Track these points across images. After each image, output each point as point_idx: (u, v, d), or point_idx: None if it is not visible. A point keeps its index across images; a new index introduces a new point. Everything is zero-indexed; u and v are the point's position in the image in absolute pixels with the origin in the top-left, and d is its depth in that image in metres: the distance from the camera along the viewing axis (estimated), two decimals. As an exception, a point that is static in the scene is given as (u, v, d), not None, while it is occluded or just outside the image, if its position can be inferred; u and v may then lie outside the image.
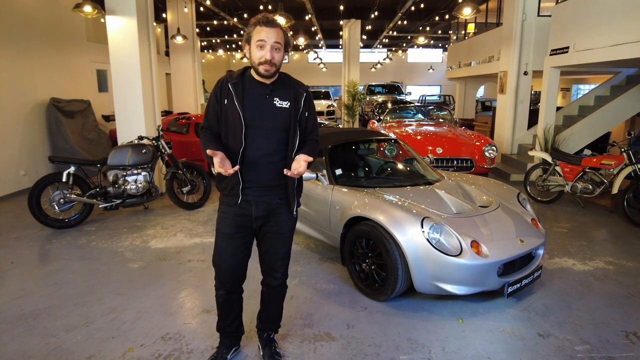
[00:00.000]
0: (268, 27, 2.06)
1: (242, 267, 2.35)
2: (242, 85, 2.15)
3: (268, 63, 2.07)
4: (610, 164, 5.48)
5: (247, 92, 2.15)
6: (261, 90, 2.16)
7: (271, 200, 2.25)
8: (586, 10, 6.59)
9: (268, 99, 2.16)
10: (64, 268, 3.89)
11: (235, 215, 2.24)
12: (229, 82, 2.14)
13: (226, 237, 2.27)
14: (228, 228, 2.26)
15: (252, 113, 2.13)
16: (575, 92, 19.64)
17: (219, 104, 2.16)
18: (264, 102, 2.15)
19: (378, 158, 5.04)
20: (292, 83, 2.25)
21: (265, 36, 2.05)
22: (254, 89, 2.16)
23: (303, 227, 4.14)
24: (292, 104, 2.19)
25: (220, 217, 2.30)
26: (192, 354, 2.63)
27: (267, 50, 2.05)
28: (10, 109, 6.46)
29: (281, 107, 2.17)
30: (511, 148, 9.09)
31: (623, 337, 2.83)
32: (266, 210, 2.25)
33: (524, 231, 3.30)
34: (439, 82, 27.96)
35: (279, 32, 2.08)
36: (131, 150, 5.17)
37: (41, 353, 2.63)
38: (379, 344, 2.74)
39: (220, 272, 2.33)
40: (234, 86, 2.13)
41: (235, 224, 2.25)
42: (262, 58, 2.06)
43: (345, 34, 15.10)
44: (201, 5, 11.92)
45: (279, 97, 2.18)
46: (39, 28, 7.10)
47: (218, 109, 2.17)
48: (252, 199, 2.22)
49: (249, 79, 2.18)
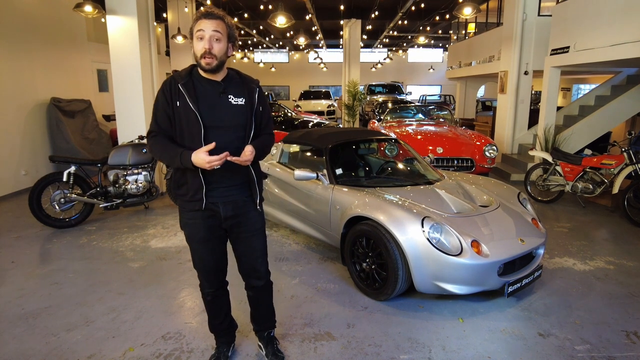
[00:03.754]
0: (207, 19, 2.00)
1: (223, 262, 2.35)
2: (192, 84, 2.07)
3: (208, 54, 1.99)
4: (611, 164, 5.47)
5: (200, 92, 2.07)
6: (213, 88, 2.09)
7: (238, 199, 2.21)
8: (586, 10, 6.59)
9: (222, 96, 2.09)
10: (65, 267, 3.89)
11: (204, 219, 2.19)
12: (178, 83, 2.05)
13: (201, 242, 2.23)
14: (200, 232, 2.21)
15: (208, 113, 2.05)
16: (576, 91, 19.62)
17: (170, 106, 2.06)
18: (219, 101, 2.09)
19: (378, 158, 5.04)
20: (244, 79, 2.20)
21: (204, 26, 1.99)
22: (206, 87, 2.08)
23: (303, 226, 4.15)
24: (247, 99, 2.14)
25: (188, 224, 2.21)
26: (193, 353, 2.63)
27: (206, 40, 1.98)
28: (11, 108, 6.47)
29: (237, 104, 2.11)
30: (512, 148, 9.09)
31: (623, 337, 2.82)
32: (234, 210, 2.21)
33: (524, 231, 3.30)
34: (440, 81, 27.93)
35: (220, 23, 2.01)
36: (132, 150, 5.18)
37: (42, 352, 2.63)
38: (380, 343, 2.74)
39: (204, 272, 2.32)
40: (184, 87, 2.04)
41: (206, 226, 2.20)
42: (202, 49, 1.99)
43: (345, 33, 15.10)
44: (201, 5, 11.92)
45: (233, 94, 2.12)
46: (40, 28, 7.11)
47: (170, 112, 2.07)
48: (218, 199, 2.17)
49: (198, 77, 2.10)
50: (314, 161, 4.51)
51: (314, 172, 3.64)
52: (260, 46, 24.89)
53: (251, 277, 2.39)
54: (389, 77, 25.39)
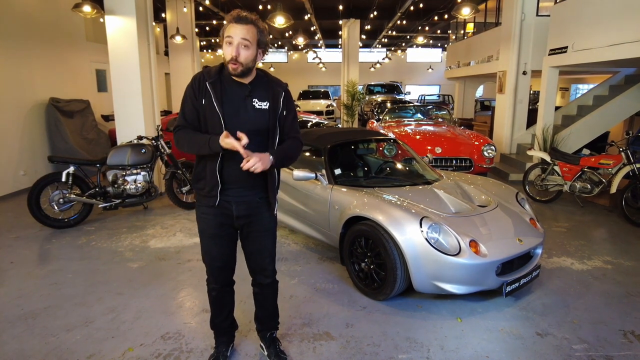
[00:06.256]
0: (237, 24, 1.98)
1: (232, 260, 2.37)
2: (220, 84, 2.08)
3: (233, 61, 1.99)
4: (609, 164, 5.49)
5: (227, 93, 2.08)
6: (240, 90, 2.10)
7: (251, 200, 2.22)
8: (585, 10, 6.60)
9: (247, 100, 2.10)
10: (64, 268, 3.89)
11: (216, 216, 2.22)
12: (206, 81, 2.06)
13: (211, 237, 2.26)
14: (211, 228, 2.24)
15: (231, 115, 2.07)
16: (574, 91, 19.65)
17: (198, 102, 2.08)
18: (243, 104, 2.09)
19: (377, 158, 5.05)
20: (271, 82, 2.19)
21: (233, 32, 1.98)
22: (233, 89, 2.09)
23: (302, 226, 4.15)
24: (271, 104, 2.14)
25: (201, 218, 2.26)
26: (192, 353, 2.64)
27: (234, 47, 1.98)
28: (10, 108, 6.46)
29: (260, 108, 2.12)
30: (510, 147, 9.10)
31: (621, 336, 2.84)
32: (247, 210, 2.23)
33: (522, 231, 3.31)
34: (438, 81, 27.96)
35: (250, 29, 1.99)
36: (131, 150, 5.18)
37: (41, 353, 2.63)
38: (378, 343, 2.75)
39: (211, 268, 2.34)
40: (212, 85, 2.05)
41: (217, 223, 2.23)
42: (229, 55, 1.99)
43: (344, 33, 15.10)
44: (200, 5, 11.92)
45: (257, 97, 2.12)
46: (38, 28, 7.10)
47: (198, 107, 2.09)
48: (232, 199, 2.19)
49: (227, 78, 2.10)
50: (313, 161, 4.52)
51: (313, 172, 3.64)
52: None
53: (259, 274, 2.41)
54: (388, 77, 25.40)
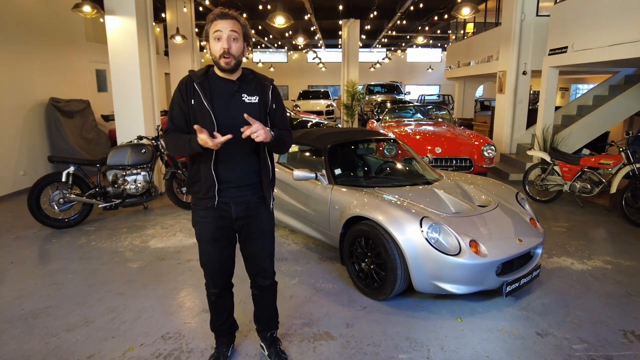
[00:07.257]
0: (223, 19, 2.03)
1: (230, 264, 2.37)
2: (208, 84, 2.11)
3: (226, 54, 2.03)
4: (609, 164, 5.49)
5: (215, 91, 2.11)
6: (228, 87, 2.13)
7: (250, 200, 2.23)
8: (585, 10, 6.60)
9: (236, 95, 2.13)
10: (64, 268, 3.89)
11: (214, 218, 2.21)
12: (194, 82, 2.09)
13: (210, 241, 2.25)
14: (210, 232, 2.23)
15: (222, 112, 2.09)
16: (574, 91, 19.65)
17: (186, 104, 2.11)
18: (233, 99, 2.12)
19: (377, 158, 5.05)
20: (257, 77, 2.23)
21: (221, 26, 2.02)
22: (221, 86, 2.12)
23: (302, 226, 4.15)
24: (260, 97, 2.17)
25: (199, 223, 2.25)
26: (192, 353, 2.64)
27: (224, 40, 2.02)
28: (10, 108, 6.46)
29: (250, 102, 2.15)
30: (510, 147, 9.10)
31: (621, 336, 2.84)
32: (246, 210, 2.23)
33: (522, 230, 3.31)
34: (438, 81, 27.95)
35: (235, 23, 2.05)
36: (131, 150, 5.18)
37: (41, 353, 2.63)
38: (378, 343, 2.75)
39: (210, 272, 2.34)
40: (200, 85, 2.09)
41: (215, 226, 2.22)
42: (221, 49, 2.02)
43: (344, 33, 15.10)
44: (200, 5, 11.91)
45: (246, 92, 2.15)
46: (38, 28, 7.10)
47: (185, 110, 2.12)
48: (230, 199, 2.19)
49: (213, 76, 2.14)
50: (313, 161, 4.52)
51: (313, 172, 3.64)
52: (259, 46, 24.87)
53: (258, 276, 2.41)
54: (388, 77, 25.39)
